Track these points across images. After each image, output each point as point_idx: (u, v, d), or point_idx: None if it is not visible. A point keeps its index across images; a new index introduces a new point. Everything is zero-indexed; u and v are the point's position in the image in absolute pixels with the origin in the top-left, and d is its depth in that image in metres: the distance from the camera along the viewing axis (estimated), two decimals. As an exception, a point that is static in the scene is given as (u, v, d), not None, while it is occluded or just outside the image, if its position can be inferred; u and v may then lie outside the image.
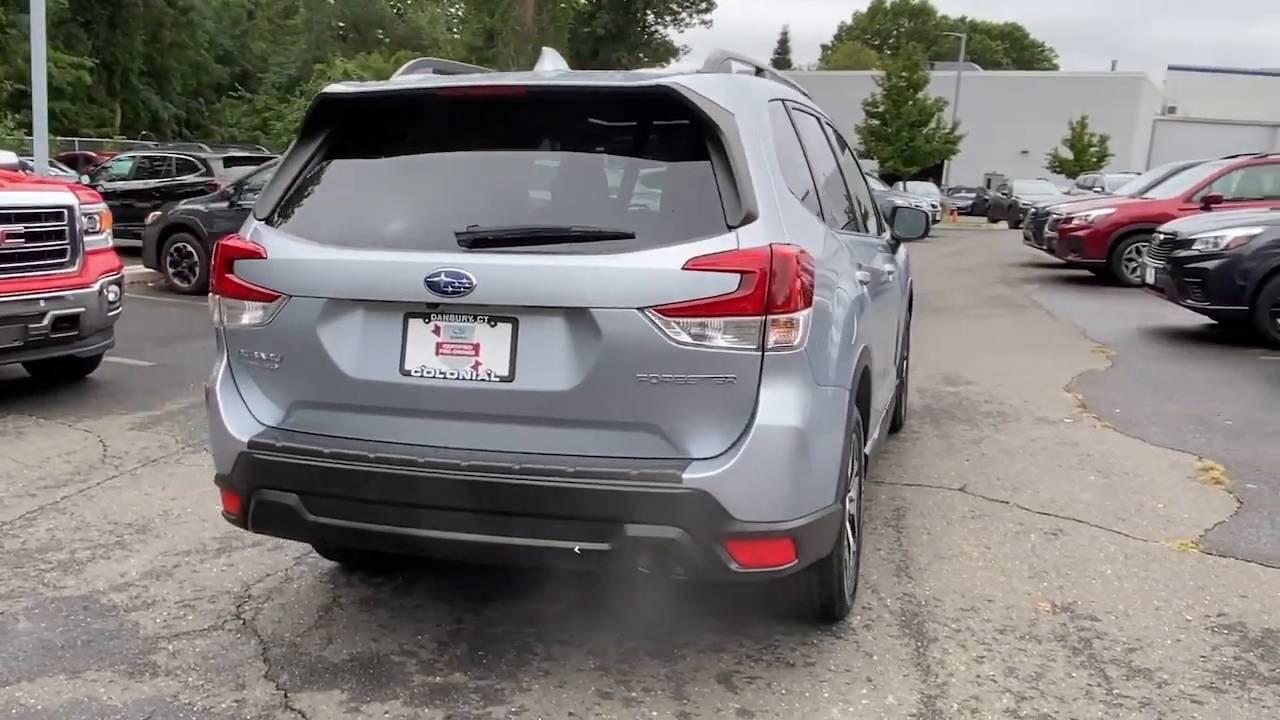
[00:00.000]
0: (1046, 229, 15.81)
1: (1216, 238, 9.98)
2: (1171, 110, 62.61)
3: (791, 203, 3.11)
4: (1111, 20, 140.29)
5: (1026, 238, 18.48)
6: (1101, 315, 12.06)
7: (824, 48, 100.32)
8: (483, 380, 2.96)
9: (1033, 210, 18.30)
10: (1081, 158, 49.89)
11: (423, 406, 3.03)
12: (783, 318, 2.82)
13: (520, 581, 3.91)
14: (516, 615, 3.70)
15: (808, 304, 2.88)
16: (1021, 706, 3.12)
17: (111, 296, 7.03)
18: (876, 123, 40.97)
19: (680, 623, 3.62)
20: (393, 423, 3.07)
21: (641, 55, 62.55)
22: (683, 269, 2.80)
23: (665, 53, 63.53)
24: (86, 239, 6.90)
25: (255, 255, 3.19)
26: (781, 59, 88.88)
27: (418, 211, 3.20)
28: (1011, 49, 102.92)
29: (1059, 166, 50.49)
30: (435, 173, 3.29)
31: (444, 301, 2.94)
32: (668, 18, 61.67)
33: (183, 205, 12.98)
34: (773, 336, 2.82)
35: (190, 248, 12.53)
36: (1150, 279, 10.85)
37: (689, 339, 2.80)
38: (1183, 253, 10.07)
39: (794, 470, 2.88)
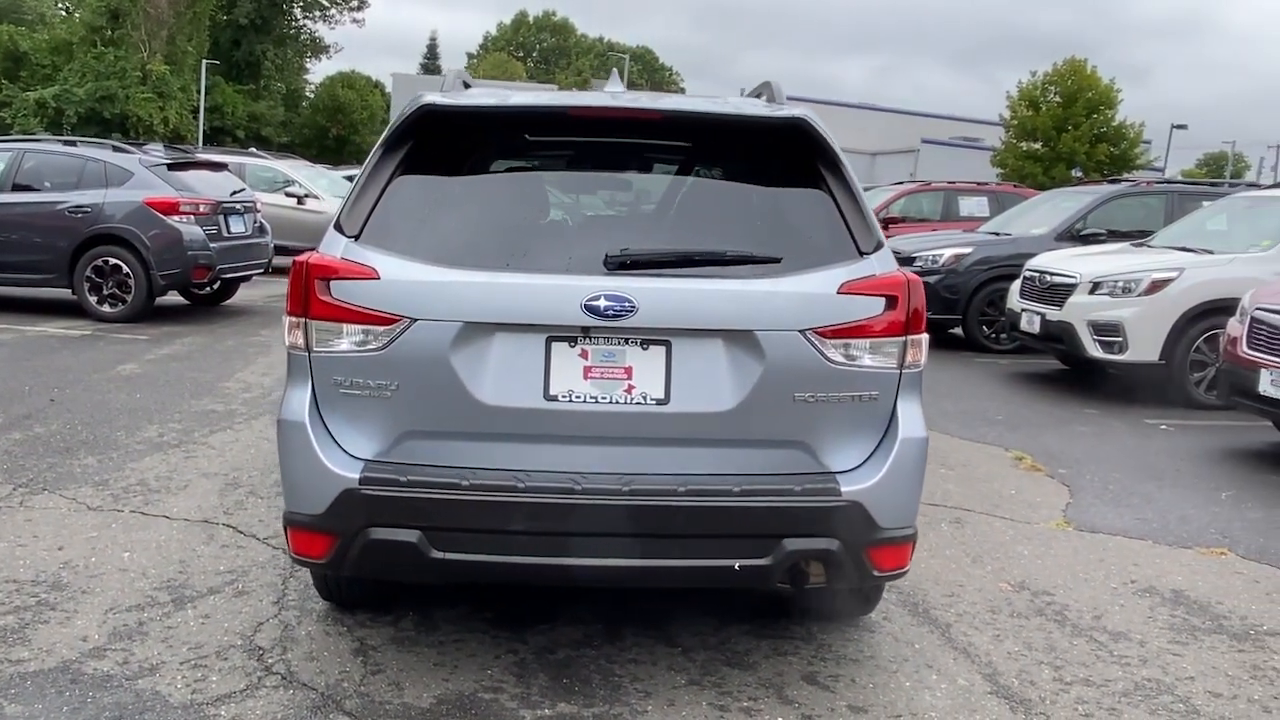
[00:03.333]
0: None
1: (934, 255, 11.39)
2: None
3: None
4: (715, 50, 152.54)
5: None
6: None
7: (470, 56, 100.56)
8: (637, 404, 2.94)
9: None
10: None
11: (570, 432, 2.95)
12: (914, 338, 3.06)
13: (539, 605, 3.86)
14: (565, 640, 3.65)
15: (926, 326, 3.14)
16: (1062, 674, 3.57)
17: None
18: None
19: (723, 632, 3.75)
20: (533, 449, 2.95)
21: (289, 50, 59.60)
22: (838, 292, 2.97)
23: (315, 49, 60.92)
24: None
25: (364, 276, 2.94)
26: (431, 64, 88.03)
27: (550, 233, 3.09)
28: (644, 71, 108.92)
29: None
30: (561, 193, 3.18)
31: (599, 325, 2.89)
32: (317, 13, 59.18)
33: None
34: (909, 355, 3.05)
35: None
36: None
37: (843, 359, 2.97)
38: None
39: (920, 478, 3.13)
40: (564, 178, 3.27)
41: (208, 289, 11.74)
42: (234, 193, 11.54)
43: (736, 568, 2.95)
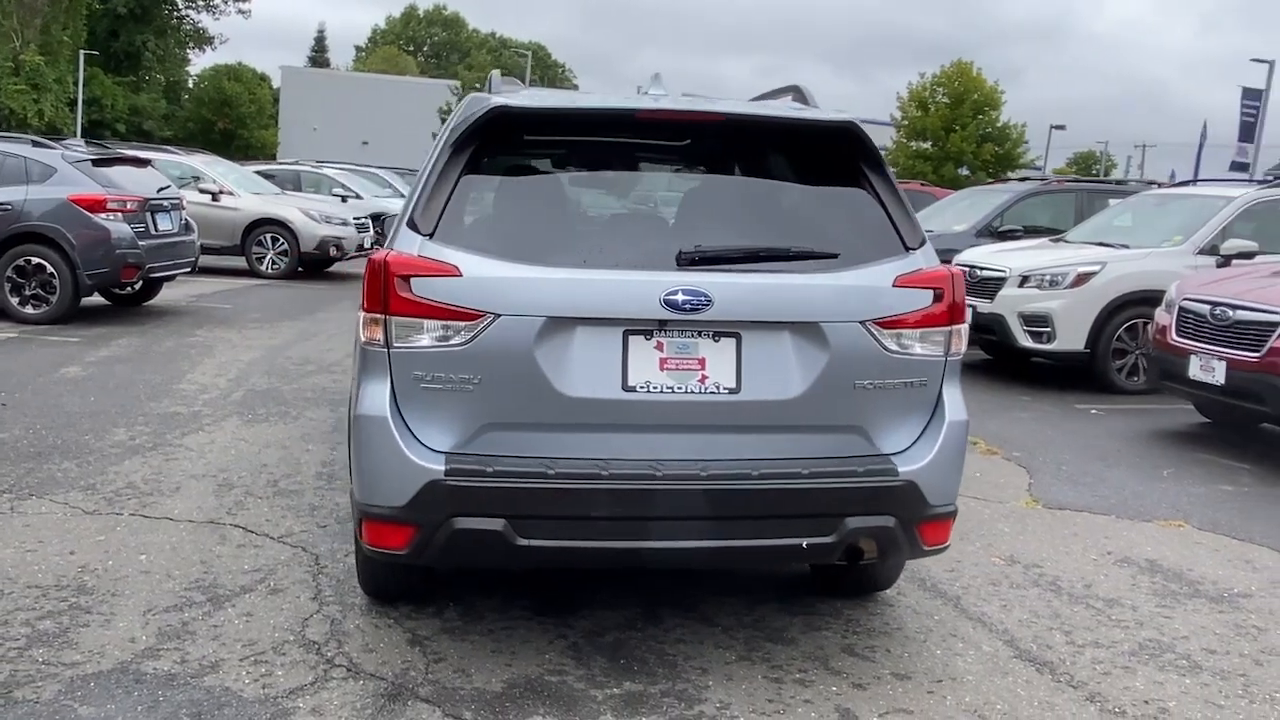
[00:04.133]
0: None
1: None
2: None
3: None
4: (607, 47, 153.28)
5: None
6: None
7: (358, 49, 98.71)
8: (711, 393, 3.09)
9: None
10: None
11: (647, 421, 3.08)
12: (958, 328, 3.29)
13: (573, 592, 3.99)
14: (609, 624, 3.78)
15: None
16: (1072, 638, 3.86)
17: None
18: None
19: (756, 611, 3.93)
20: (611, 438, 3.08)
21: (171, 41, 57.54)
22: (893, 285, 3.17)
23: (199, 40, 58.95)
24: None
25: (446, 273, 3.02)
26: (319, 57, 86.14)
27: (619, 230, 3.21)
28: (536, 68, 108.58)
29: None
30: (626, 192, 3.30)
31: (675, 319, 3.04)
32: (200, 2, 57.25)
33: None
34: (953, 344, 3.28)
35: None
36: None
37: (897, 348, 3.18)
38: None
39: (962, 459, 3.36)
40: (628, 177, 3.40)
41: (130, 289, 11.40)
42: (160, 189, 11.23)
43: (804, 546, 3.13)
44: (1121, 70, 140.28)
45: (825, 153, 3.38)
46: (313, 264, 16.01)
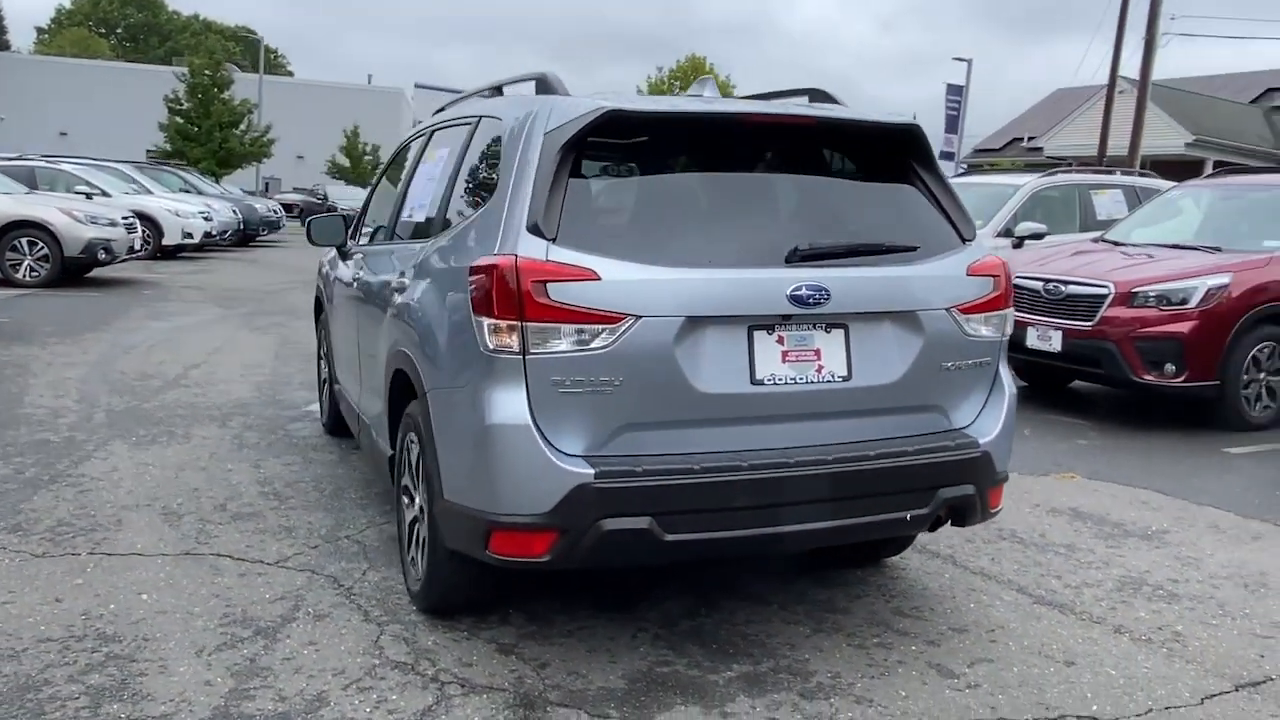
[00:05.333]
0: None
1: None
2: (419, 123, 68.55)
3: None
4: (316, 31, 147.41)
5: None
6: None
7: (40, 31, 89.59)
8: (826, 381, 3.28)
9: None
10: (358, 165, 52.60)
11: (773, 411, 3.22)
12: (1009, 311, 3.65)
13: (618, 587, 4.07)
14: (675, 614, 3.88)
15: None
16: (1065, 581, 4.35)
17: None
18: (182, 121, 38.66)
19: (794, 587, 4.18)
20: (742, 430, 3.20)
21: None
22: (967, 274, 3.48)
23: None
24: None
25: (584, 277, 3.02)
26: (-4, 39, 77.16)
27: (729, 229, 3.29)
28: (246, 52, 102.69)
29: (338, 173, 52.58)
30: (728, 192, 3.39)
31: (797, 313, 3.20)
32: None
33: None
34: (1006, 326, 3.64)
35: None
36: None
37: (972, 331, 3.50)
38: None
39: (1014, 428, 3.73)
40: (729, 178, 3.49)
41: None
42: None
43: (908, 518, 3.39)
44: (815, 66, 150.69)
45: (891, 151, 3.64)
46: (75, 270, 14.59)
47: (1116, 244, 8.91)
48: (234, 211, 22.91)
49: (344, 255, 5.61)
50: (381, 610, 3.84)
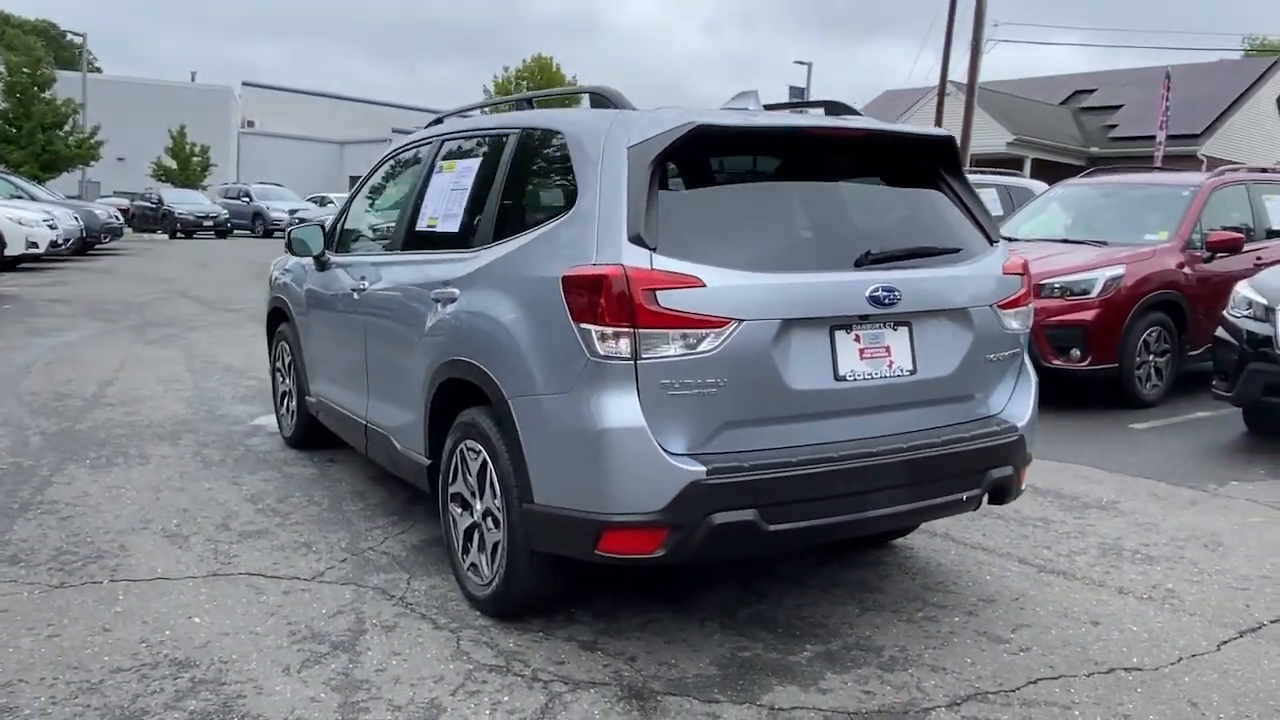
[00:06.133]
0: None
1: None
2: (251, 124, 65.94)
3: None
4: (126, 27, 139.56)
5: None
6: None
7: None
8: (897, 375, 3.53)
9: (307, 221, 19.11)
10: (186, 168, 50.28)
11: (853, 405, 3.45)
12: (1031, 306, 4.00)
13: (666, 579, 4.24)
14: (728, 602, 4.08)
15: None
16: (1055, 549, 4.76)
17: None
18: (1, 123, 36.01)
19: (820, 571, 4.43)
20: (826, 424, 3.41)
21: None
22: (1003, 273, 3.81)
23: None
24: None
25: (691, 284, 3.17)
26: None
27: (805, 236, 3.50)
28: (50, 46, 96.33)
29: (164, 176, 50.12)
30: (800, 200, 3.58)
31: (874, 313, 3.44)
32: None
33: None
34: (1029, 320, 3.99)
35: None
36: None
37: (1007, 325, 3.83)
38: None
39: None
40: (799, 187, 3.69)
41: None
42: None
43: (964, 499, 3.69)
44: (644, 65, 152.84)
45: (929, 160, 3.93)
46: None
47: (1009, 240, 9.57)
48: (75, 219, 21.63)
49: (322, 265, 5.54)
50: (446, 617, 3.88)
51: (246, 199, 37.16)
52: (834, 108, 4.22)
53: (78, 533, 4.73)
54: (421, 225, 4.57)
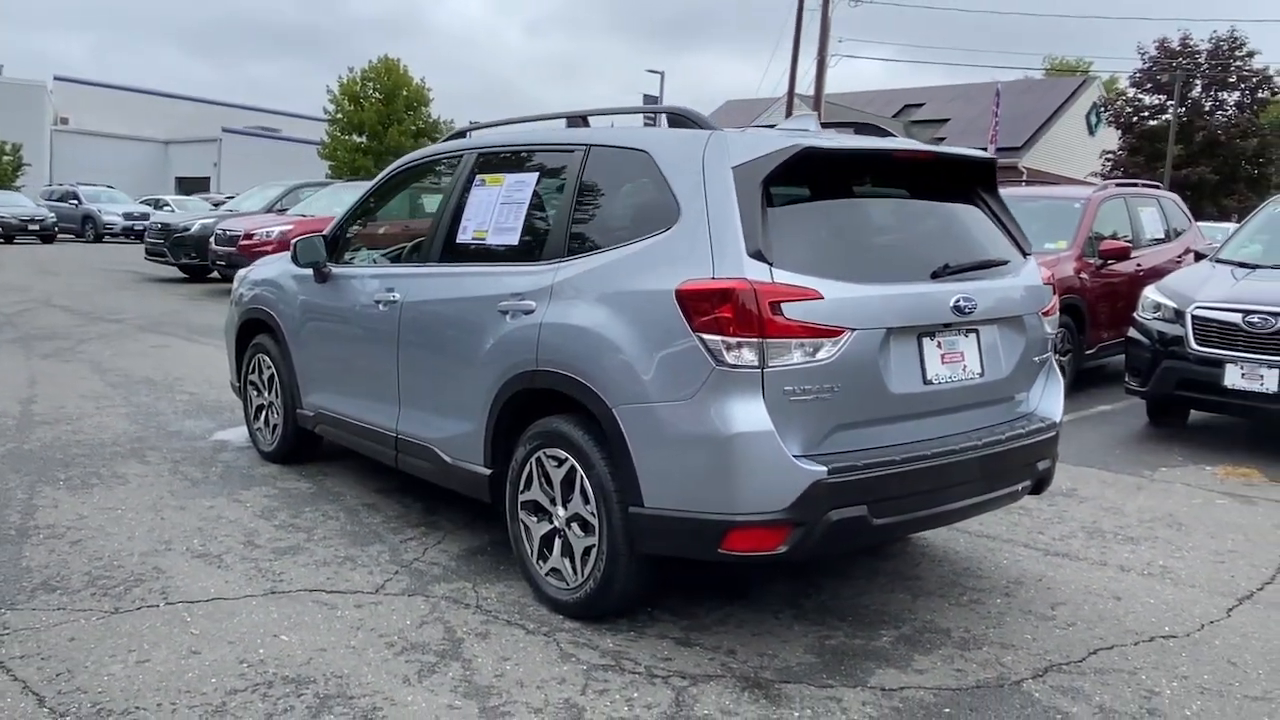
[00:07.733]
0: (218, 245, 16.25)
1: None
2: (65, 121, 61.94)
3: None
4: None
5: (155, 253, 18.47)
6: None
7: None
8: (969, 378, 3.85)
9: (170, 225, 18.35)
10: (-4, 167, 47.01)
11: (939, 406, 3.74)
12: (1057, 313, 4.41)
13: (726, 577, 4.45)
14: (788, 596, 4.31)
15: None
16: (1049, 534, 5.21)
17: None
18: None
19: (847, 565, 4.73)
20: (915, 424, 3.69)
21: None
22: (1044, 283, 4.19)
23: None
24: None
25: (810, 297, 3.39)
26: None
27: (893, 249, 3.77)
28: None
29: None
30: (884, 217, 3.84)
31: (955, 321, 3.75)
32: None
33: None
34: (1055, 325, 4.39)
35: None
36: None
37: (1047, 330, 4.21)
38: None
39: None
40: (882, 204, 3.97)
41: None
42: None
43: (1020, 489, 4.04)
44: (473, 65, 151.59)
45: (973, 179, 4.27)
46: None
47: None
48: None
49: (323, 277, 5.48)
50: (533, 621, 3.97)
51: (75, 201, 34.91)
52: (863, 128, 4.51)
53: (99, 556, 4.55)
54: (464, 237, 4.61)
